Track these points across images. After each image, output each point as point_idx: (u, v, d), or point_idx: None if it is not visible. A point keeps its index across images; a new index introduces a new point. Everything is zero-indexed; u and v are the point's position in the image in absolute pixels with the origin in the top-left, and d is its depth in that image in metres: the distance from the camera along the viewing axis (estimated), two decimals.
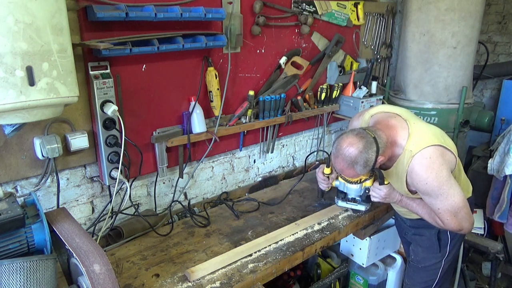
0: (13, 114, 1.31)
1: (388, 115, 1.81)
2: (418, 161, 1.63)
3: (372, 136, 1.61)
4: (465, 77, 3.08)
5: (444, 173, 1.62)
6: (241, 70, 2.33)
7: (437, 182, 1.61)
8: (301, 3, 2.51)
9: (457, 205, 1.64)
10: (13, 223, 1.23)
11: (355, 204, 2.08)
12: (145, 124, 1.98)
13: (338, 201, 2.11)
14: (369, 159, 1.59)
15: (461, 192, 1.66)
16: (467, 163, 3.69)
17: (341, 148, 1.61)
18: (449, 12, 2.87)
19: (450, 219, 1.66)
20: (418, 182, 1.65)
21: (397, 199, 1.87)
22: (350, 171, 1.65)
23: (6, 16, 1.20)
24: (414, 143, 1.66)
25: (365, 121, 1.89)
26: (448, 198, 1.63)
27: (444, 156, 1.65)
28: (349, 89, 2.88)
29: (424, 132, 1.70)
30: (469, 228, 1.71)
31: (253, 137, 2.54)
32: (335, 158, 1.66)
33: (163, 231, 2.00)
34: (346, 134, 1.65)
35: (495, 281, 2.75)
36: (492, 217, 2.80)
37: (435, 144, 1.64)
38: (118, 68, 1.81)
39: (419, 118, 1.85)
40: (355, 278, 2.58)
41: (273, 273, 1.77)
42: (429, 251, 1.98)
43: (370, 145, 1.59)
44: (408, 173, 1.67)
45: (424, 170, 1.62)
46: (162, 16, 1.75)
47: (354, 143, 1.59)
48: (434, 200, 1.66)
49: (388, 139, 1.68)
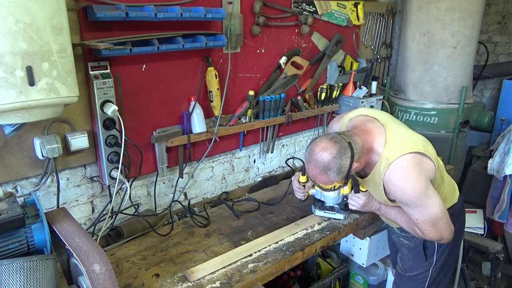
0: (13, 114, 1.31)
1: (366, 119, 1.73)
2: (395, 170, 1.55)
3: (347, 141, 1.53)
4: (465, 77, 3.08)
5: (422, 183, 1.54)
6: (241, 70, 2.33)
7: (414, 192, 1.53)
8: (301, 3, 2.51)
9: (436, 216, 1.57)
10: (13, 223, 1.23)
11: (333, 212, 2.02)
12: (145, 124, 1.98)
13: (316, 210, 2.06)
14: (343, 165, 1.52)
15: (440, 202, 1.59)
16: (467, 163, 3.69)
17: (314, 153, 1.54)
18: (449, 12, 2.88)
19: (429, 230, 1.61)
20: (395, 192, 1.58)
21: (375, 207, 1.81)
22: (323, 178, 1.57)
23: (6, 16, 1.20)
24: (391, 150, 1.57)
25: (344, 125, 1.82)
26: (426, 209, 1.56)
27: (422, 164, 1.57)
28: (349, 89, 2.88)
29: (401, 138, 1.62)
30: (449, 238, 1.65)
31: (253, 137, 2.54)
32: (307, 163, 1.58)
33: (163, 231, 2.00)
34: (320, 139, 1.57)
35: (495, 281, 2.75)
36: (492, 217, 2.81)
37: (412, 151, 1.56)
38: (118, 68, 1.81)
39: (400, 123, 1.78)
40: (355, 278, 2.58)
41: (273, 273, 1.77)
42: (416, 259, 1.91)
43: (344, 151, 1.51)
44: (385, 182, 1.60)
45: (401, 180, 1.55)
46: (162, 16, 1.75)
47: (328, 148, 1.51)
48: (412, 210, 1.60)
49: (364, 145, 1.60)
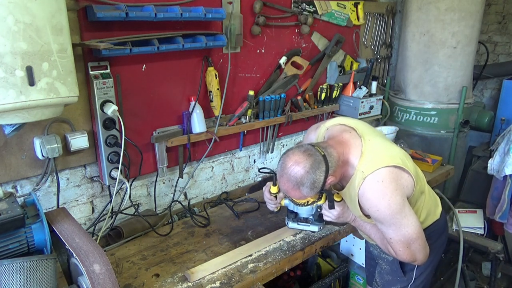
0: (13, 114, 1.31)
1: (343, 128, 1.63)
2: (369, 185, 1.45)
3: (321, 154, 1.44)
4: (465, 77, 3.08)
5: (397, 200, 1.44)
6: (241, 70, 2.33)
7: (389, 210, 1.44)
8: (301, 3, 2.51)
9: (411, 237, 1.48)
10: (13, 223, 1.23)
11: (307, 224, 1.93)
12: (145, 124, 1.98)
13: (289, 222, 1.95)
14: (316, 180, 1.42)
15: (416, 222, 1.49)
16: (467, 163, 3.69)
17: (286, 167, 1.44)
18: (449, 12, 2.88)
19: (402, 250, 1.51)
20: (368, 208, 1.50)
21: (350, 219, 1.73)
22: (295, 193, 1.47)
23: (6, 16, 1.20)
24: (366, 163, 1.48)
25: (321, 134, 1.72)
26: (401, 228, 1.47)
27: (398, 180, 1.47)
28: (349, 89, 2.88)
29: (378, 150, 1.52)
30: (423, 260, 1.56)
31: (253, 137, 2.54)
32: (280, 177, 1.48)
33: (163, 231, 2.00)
34: (293, 151, 1.47)
35: (495, 281, 2.75)
36: (493, 217, 2.80)
37: (390, 165, 1.46)
38: (118, 68, 1.81)
39: (379, 134, 1.67)
40: (355, 278, 2.58)
41: (273, 273, 1.77)
42: (394, 274, 1.82)
43: (319, 165, 1.42)
44: (359, 197, 1.50)
45: (375, 195, 1.45)
46: (162, 16, 1.75)
47: (301, 162, 1.41)
48: (386, 228, 1.51)
49: (339, 157, 1.50)
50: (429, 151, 3.04)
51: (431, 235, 1.71)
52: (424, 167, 2.78)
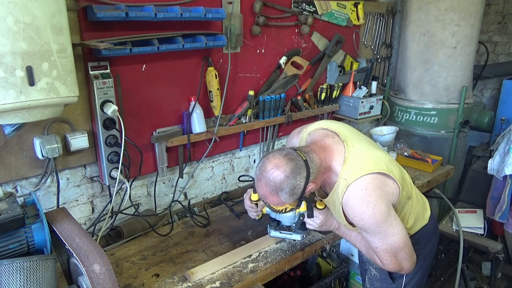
0: (13, 114, 1.31)
1: (325, 133, 1.57)
2: (353, 193, 1.40)
3: (303, 159, 1.38)
4: (465, 77, 3.09)
5: (382, 208, 1.39)
6: (241, 70, 2.33)
7: (374, 219, 1.39)
8: (301, 3, 2.51)
9: (397, 245, 1.43)
10: (13, 223, 1.23)
11: (290, 233, 1.85)
12: (145, 124, 1.98)
13: (271, 231, 1.87)
14: (296, 187, 1.37)
15: (402, 230, 1.44)
16: (467, 163, 3.69)
17: (265, 171, 1.38)
18: (449, 12, 2.88)
19: (389, 260, 1.46)
20: (353, 217, 1.44)
21: (334, 227, 1.68)
22: (274, 198, 1.41)
23: (6, 16, 1.20)
24: (350, 170, 1.42)
25: (303, 139, 1.66)
26: (387, 237, 1.42)
27: (383, 187, 1.42)
28: (349, 89, 2.88)
29: (362, 156, 1.47)
30: (410, 269, 1.52)
31: (253, 137, 2.54)
32: (258, 181, 1.41)
33: (163, 231, 2.00)
34: (273, 154, 1.41)
35: (495, 281, 2.75)
36: (493, 217, 2.80)
37: (373, 172, 1.41)
38: (118, 68, 1.81)
39: (363, 138, 1.61)
40: (355, 278, 2.58)
41: (273, 273, 1.77)
42: (383, 281, 1.76)
43: (299, 170, 1.36)
44: (343, 206, 1.45)
45: (359, 204, 1.40)
46: (162, 16, 1.75)
47: (281, 166, 1.35)
48: (371, 237, 1.46)
49: (322, 164, 1.44)
50: (429, 151, 3.04)
51: (420, 240, 1.67)
52: (424, 167, 2.78)
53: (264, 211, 1.81)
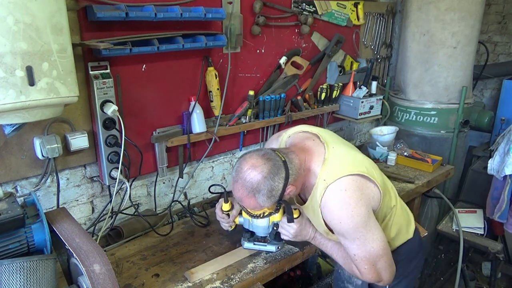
0: (13, 114, 1.31)
1: (305, 136, 1.53)
2: (332, 194, 1.34)
3: (281, 159, 1.33)
4: (465, 77, 3.09)
5: (362, 211, 1.32)
6: (241, 70, 2.33)
7: (352, 222, 1.32)
8: (301, 3, 2.51)
9: (376, 253, 1.36)
10: (13, 223, 1.23)
11: (264, 244, 1.76)
12: (145, 124, 1.98)
13: (244, 242, 1.79)
14: (275, 188, 1.31)
15: (382, 237, 1.38)
16: (467, 163, 3.69)
17: (241, 171, 1.32)
18: (449, 12, 2.88)
19: (368, 269, 1.38)
20: (331, 220, 1.37)
21: (309, 237, 1.59)
22: (250, 201, 1.35)
23: (6, 16, 1.20)
24: (329, 171, 1.37)
25: (283, 143, 1.61)
26: (365, 244, 1.35)
27: (363, 189, 1.36)
28: (349, 89, 2.88)
29: (342, 158, 1.42)
30: (389, 281, 1.43)
31: (253, 137, 2.54)
32: (234, 183, 1.36)
33: (163, 231, 2.00)
34: (250, 154, 1.35)
35: (495, 281, 2.75)
36: (492, 217, 2.80)
37: (354, 173, 1.35)
38: (118, 68, 1.81)
39: (344, 142, 1.57)
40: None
41: (273, 273, 1.77)
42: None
43: (278, 170, 1.31)
44: (321, 208, 1.38)
45: (337, 205, 1.34)
46: (162, 16, 1.75)
47: (258, 166, 1.30)
48: (349, 243, 1.38)
49: (301, 165, 1.39)
50: (429, 151, 3.04)
51: (403, 257, 1.61)
52: (424, 167, 2.78)
53: (237, 222, 1.76)
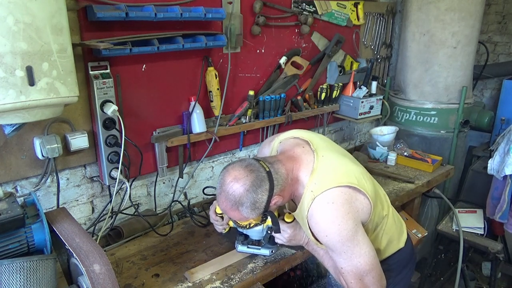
0: (13, 114, 1.31)
1: (296, 142, 1.48)
2: (319, 207, 1.31)
3: (266, 170, 1.30)
4: (465, 77, 3.08)
5: (349, 225, 1.29)
6: (241, 70, 2.33)
7: (339, 236, 1.29)
8: (301, 3, 2.51)
9: (363, 268, 1.32)
10: (13, 223, 1.23)
11: (258, 248, 1.75)
12: (145, 124, 1.98)
13: (238, 245, 1.78)
14: (258, 201, 1.29)
15: (370, 251, 1.34)
16: (467, 163, 3.69)
17: (224, 184, 1.30)
18: (449, 12, 2.88)
19: (354, 283, 1.35)
20: (317, 232, 1.35)
21: (304, 241, 1.60)
22: (235, 213, 1.33)
23: (6, 16, 1.20)
24: (317, 182, 1.33)
25: (274, 148, 1.58)
26: (352, 258, 1.31)
27: (352, 202, 1.33)
28: (349, 89, 2.88)
29: (332, 168, 1.37)
30: None
31: (253, 137, 2.54)
32: (218, 195, 1.34)
33: (163, 231, 2.00)
34: (233, 166, 1.33)
35: (495, 281, 2.75)
36: (493, 217, 2.80)
37: (342, 185, 1.32)
38: (118, 68, 1.81)
39: (336, 149, 1.53)
40: None
41: (273, 273, 1.77)
42: None
43: (261, 182, 1.28)
44: (308, 220, 1.35)
45: (324, 219, 1.30)
46: (162, 16, 1.75)
47: (240, 178, 1.28)
48: (337, 256, 1.36)
49: (289, 175, 1.36)
50: (429, 151, 3.04)
51: (394, 267, 1.58)
52: (424, 167, 2.78)
53: (231, 224, 1.74)
